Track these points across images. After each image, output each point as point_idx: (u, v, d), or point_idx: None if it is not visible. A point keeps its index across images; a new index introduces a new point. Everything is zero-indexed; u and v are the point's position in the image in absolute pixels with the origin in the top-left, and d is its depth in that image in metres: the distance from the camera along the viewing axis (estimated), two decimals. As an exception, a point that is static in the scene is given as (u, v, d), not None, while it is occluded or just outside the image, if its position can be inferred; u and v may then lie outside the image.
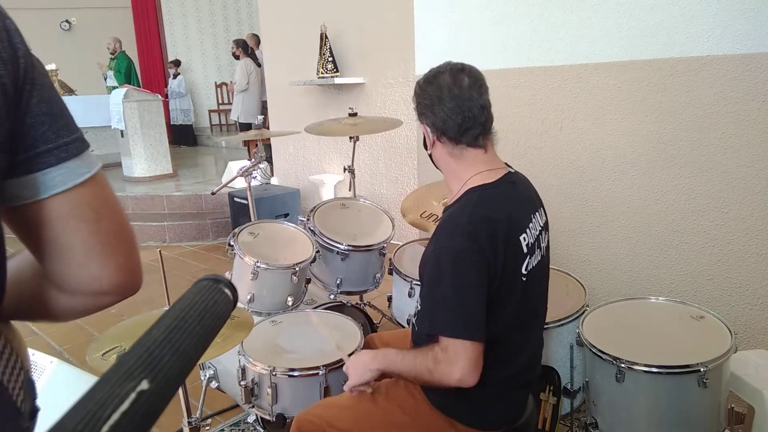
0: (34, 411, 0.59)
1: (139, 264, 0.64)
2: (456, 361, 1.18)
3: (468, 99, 1.29)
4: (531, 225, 1.32)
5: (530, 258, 1.30)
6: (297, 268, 2.17)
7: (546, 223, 1.42)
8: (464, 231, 1.21)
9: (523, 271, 1.28)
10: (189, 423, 1.74)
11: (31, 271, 0.61)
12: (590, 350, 1.60)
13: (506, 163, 1.40)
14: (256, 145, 2.77)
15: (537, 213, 1.37)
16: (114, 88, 6.73)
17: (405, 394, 1.38)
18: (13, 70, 0.52)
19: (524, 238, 1.28)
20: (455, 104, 1.28)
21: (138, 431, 0.35)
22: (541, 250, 1.37)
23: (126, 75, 7.47)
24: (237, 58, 6.58)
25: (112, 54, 7.65)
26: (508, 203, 1.29)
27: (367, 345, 1.78)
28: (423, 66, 3.04)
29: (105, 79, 7.82)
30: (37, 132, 0.54)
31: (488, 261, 1.21)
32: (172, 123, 9.29)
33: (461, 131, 1.30)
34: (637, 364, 1.48)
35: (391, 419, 1.37)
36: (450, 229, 1.26)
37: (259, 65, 6.51)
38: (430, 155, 1.43)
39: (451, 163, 1.36)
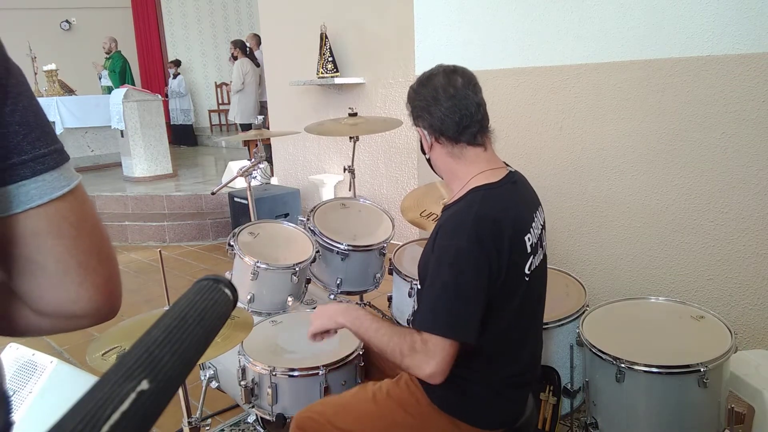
0: (7, 425, 0.55)
1: (120, 286, 0.59)
2: (432, 357, 1.18)
3: (464, 98, 1.29)
4: (533, 224, 1.32)
5: (533, 257, 1.30)
6: (297, 268, 2.17)
7: (544, 222, 1.42)
8: (469, 230, 1.21)
9: (527, 271, 1.28)
10: (189, 423, 1.74)
11: None
12: (590, 350, 1.60)
13: (505, 162, 1.40)
14: (256, 145, 2.77)
15: (537, 212, 1.38)
16: (109, 87, 6.72)
17: (407, 394, 1.38)
18: None
19: (528, 238, 1.28)
20: (451, 103, 1.28)
21: (138, 431, 0.35)
22: (543, 249, 1.38)
23: (120, 75, 7.46)
24: (235, 59, 6.59)
25: (107, 53, 7.64)
26: (513, 203, 1.29)
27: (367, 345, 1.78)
28: (423, 66, 3.04)
29: (99, 79, 7.82)
30: (10, 143, 0.50)
31: (490, 262, 1.20)
32: (172, 123, 9.29)
33: (460, 129, 1.30)
34: (637, 364, 1.48)
35: (392, 419, 1.36)
36: (454, 228, 1.25)
37: (258, 65, 6.51)
38: (428, 160, 1.42)
39: (451, 163, 1.35)
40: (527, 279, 1.29)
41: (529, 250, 1.28)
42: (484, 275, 1.20)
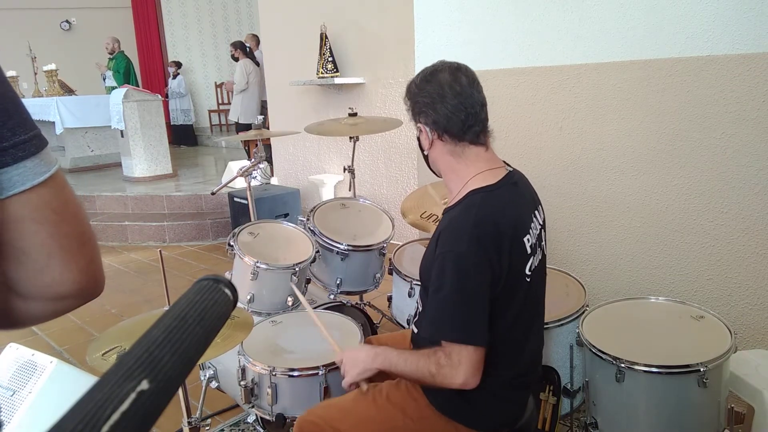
0: None
1: (101, 266, 0.61)
2: (459, 367, 1.19)
3: (469, 96, 1.30)
4: (533, 225, 1.32)
5: (533, 258, 1.30)
6: (297, 268, 2.17)
7: (544, 221, 1.42)
8: (469, 235, 1.21)
9: (527, 272, 1.28)
10: (189, 423, 1.74)
11: None
12: (590, 350, 1.60)
13: (505, 162, 1.40)
14: (256, 145, 2.77)
15: (536, 212, 1.37)
16: (113, 88, 6.73)
17: (407, 397, 1.38)
18: None
19: (528, 239, 1.28)
20: (458, 101, 1.28)
21: (138, 431, 0.35)
22: (541, 249, 1.37)
23: (125, 75, 7.46)
24: (236, 60, 6.59)
25: (110, 54, 7.64)
26: (512, 205, 1.29)
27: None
28: (423, 66, 3.03)
29: (104, 80, 7.82)
30: None
31: (492, 265, 1.20)
32: (172, 123, 9.29)
33: (465, 128, 1.30)
34: (637, 364, 1.48)
35: (392, 422, 1.36)
36: (454, 233, 1.25)
37: (258, 65, 6.51)
38: (426, 156, 1.41)
39: (452, 162, 1.34)
40: (528, 279, 1.29)
41: (528, 251, 1.28)
42: (488, 278, 1.20)
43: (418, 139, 1.41)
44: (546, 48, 2.53)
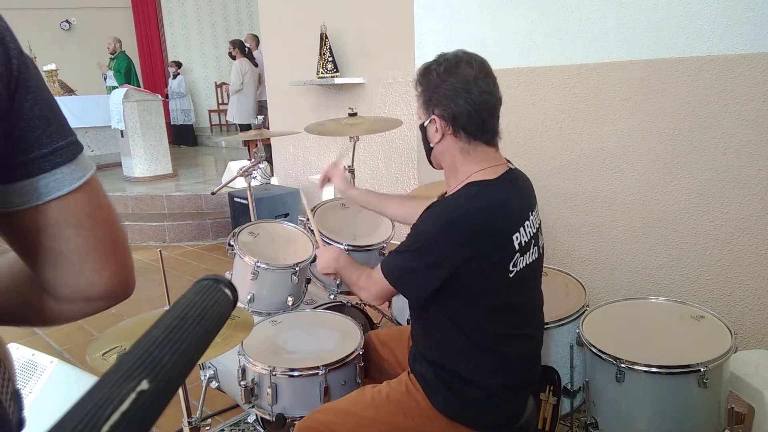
0: (21, 423, 0.57)
1: (132, 269, 0.63)
2: (371, 286, 1.39)
3: (491, 94, 1.26)
4: (527, 223, 1.30)
5: (522, 256, 1.29)
6: (297, 268, 2.16)
7: (540, 223, 1.41)
8: (446, 220, 1.23)
9: (510, 268, 1.26)
10: (189, 423, 1.74)
11: (19, 275, 0.59)
12: (590, 350, 1.60)
13: (507, 160, 1.39)
14: (256, 145, 2.77)
15: (533, 211, 1.36)
16: (113, 88, 6.73)
17: (407, 398, 1.38)
18: (5, 71, 0.49)
19: (516, 237, 1.27)
20: (482, 100, 1.24)
21: (138, 431, 0.35)
22: (538, 248, 1.36)
23: (126, 75, 7.46)
24: (234, 58, 6.58)
25: (111, 54, 7.64)
26: (504, 201, 1.28)
27: (367, 344, 1.79)
28: (423, 66, 3.03)
29: (104, 79, 7.82)
30: (31, 136, 0.51)
31: (460, 256, 1.22)
32: (172, 123, 9.29)
33: (483, 128, 1.27)
34: (637, 364, 1.48)
35: (393, 423, 1.36)
36: (434, 214, 1.28)
37: (256, 65, 6.50)
38: (431, 148, 1.35)
39: (458, 158, 1.31)
40: (510, 276, 1.27)
41: (516, 248, 1.27)
42: (445, 266, 1.23)
43: (424, 128, 1.34)
44: (546, 48, 2.53)
